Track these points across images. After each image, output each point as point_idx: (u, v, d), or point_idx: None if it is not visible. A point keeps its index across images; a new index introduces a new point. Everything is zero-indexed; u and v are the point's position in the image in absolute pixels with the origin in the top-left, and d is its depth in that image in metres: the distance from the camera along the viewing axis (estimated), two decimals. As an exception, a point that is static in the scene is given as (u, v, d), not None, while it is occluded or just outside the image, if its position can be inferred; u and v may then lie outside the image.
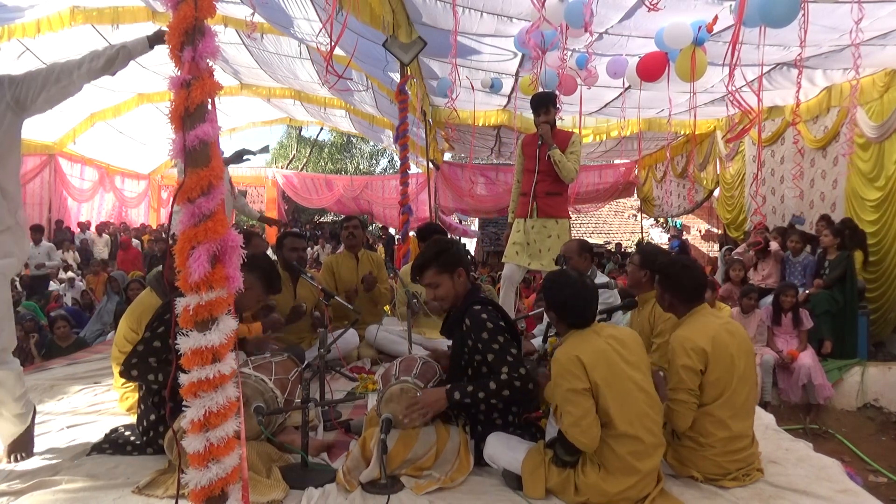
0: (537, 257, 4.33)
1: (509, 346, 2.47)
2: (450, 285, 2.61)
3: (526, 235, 4.37)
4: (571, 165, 4.20)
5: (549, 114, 4.25)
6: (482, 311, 2.52)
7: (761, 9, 4.03)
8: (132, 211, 15.91)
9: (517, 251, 4.41)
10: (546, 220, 4.33)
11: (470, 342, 2.50)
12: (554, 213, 4.33)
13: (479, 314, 2.51)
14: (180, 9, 1.47)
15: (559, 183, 4.32)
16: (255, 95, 12.29)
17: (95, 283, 9.28)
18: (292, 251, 4.05)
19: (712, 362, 2.33)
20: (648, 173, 14.32)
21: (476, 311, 2.52)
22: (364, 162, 26.19)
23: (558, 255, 4.00)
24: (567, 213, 4.46)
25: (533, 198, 4.34)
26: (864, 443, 5.01)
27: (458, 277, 2.62)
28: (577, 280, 2.32)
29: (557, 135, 4.29)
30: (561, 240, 4.30)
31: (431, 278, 2.61)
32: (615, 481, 2.14)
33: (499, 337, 2.47)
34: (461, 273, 2.62)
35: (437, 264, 2.60)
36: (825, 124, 7.70)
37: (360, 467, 2.35)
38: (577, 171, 4.25)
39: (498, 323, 2.51)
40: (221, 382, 1.51)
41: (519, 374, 2.40)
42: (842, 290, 5.94)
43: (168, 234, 1.58)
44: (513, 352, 2.48)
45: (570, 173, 4.21)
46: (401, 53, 5.62)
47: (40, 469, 2.48)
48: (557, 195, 4.36)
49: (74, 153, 12.82)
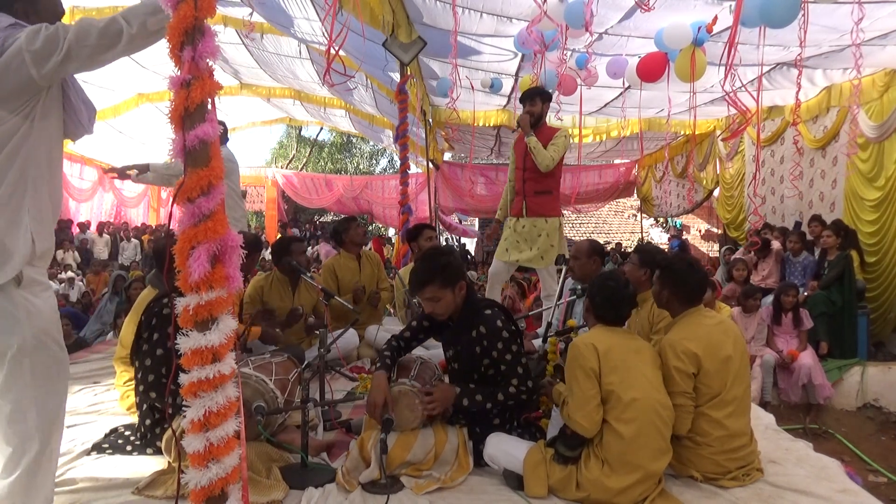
0: (525, 254, 4.39)
1: (520, 356, 2.50)
2: (451, 299, 2.53)
3: (516, 234, 4.43)
4: (548, 154, 4.19)
5: (535, 105, 4.29)
6: (496, 318, 2.51)
7: (761, 9, 4.02)
8: (132, 211, 15.90)
9: (507, 248, 4.48)
10: (536, 220, 4.37)
11: (479, 349, 2.50)
12: (544, 211, 4.37)
13: (495, 321, 2.50)
14: (180, 8, 1.47)
15: (546, 181, 4.35)
16: (255, 95, 12.27)
17: (96, 283, 9.27)
18: (299, 256, 4.08)
19: (705, 365, 2.33)
20: (648, 173, 14.31)
21: (490, 317, 2.51)
22: (364, 162, 26.20)
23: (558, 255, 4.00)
24: (558, 211, 4.47)
25: (523, 197, 4.39)
26: (864, 443, 5.01)
27: (460, 291, 2.54)
28: (621, 282, 2.42)
29: (543, 130, 4.32)
30: (550, 238, 4.35)
31: (433, 293, 2.51)
32: (618, 478, 2.14)
33: (512, 346, 2.49)
34: (462, 287, 2.55)
35: (441, 279, 2.49)
36: (825, 124, 7.69)
37: (360, 467, 2.36)
38: (555, 162, 4.24)
39: (512, 330, 2.52)
40: (221, 382, 1.50)
41: (527, 388, 2.45)
42: (840, 290, 5.94)
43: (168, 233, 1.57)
44: (523, 362, 2.51)
45: (544, 160, 4.20)
46: (401, 53, 5.62)
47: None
48: (547, 194, 4.38)
49: (74, 153, 12.80)
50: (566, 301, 3.76)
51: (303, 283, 4.17)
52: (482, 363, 2.50)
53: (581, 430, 2.19)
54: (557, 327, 3.56)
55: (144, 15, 1.73)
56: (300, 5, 6.31)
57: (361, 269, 4.71)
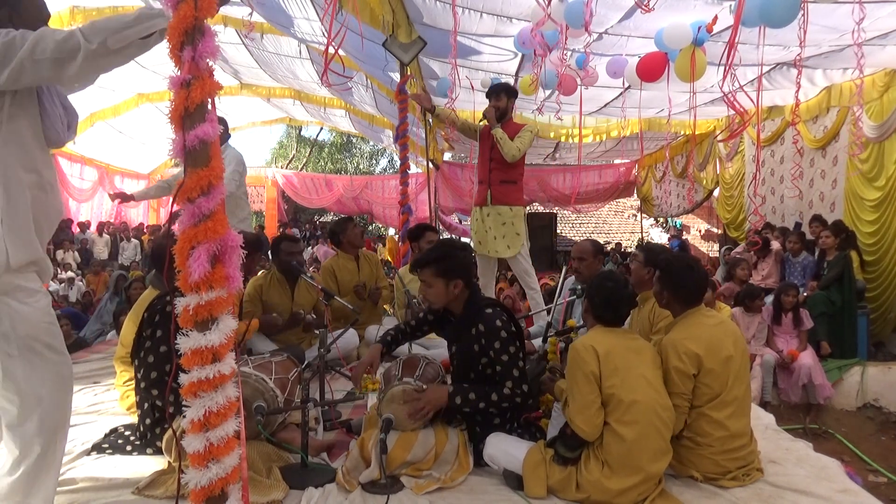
0: (492, 244, 4.51)
1: (518, 359, 2.49)
2: (442, 291, 2.57)
3: (483, 224, 4.56)
4: (514, 145, 4.35)
5: (500, 100, 4.47)
6: (496, 318, 2.50)
7: (761, 9, 4.03)
8: (132, 211, 15.90)
9: (479, 241, 4.60)
10: (500, 207, 4.50)
11: (477, 347, 2.50)
12: (508, 200, 4.51)
13: (494, 321, 2.49)
14: (180, 8, 1.47)
15: (511, 171, 4.51)
16: (255, 95, 12.29)
17: (96, 283, 9.27)
18: (289, 255, 4.08)
19: (706, 365, 2.33)
20: (648, 173, 14.32)
21: (490, 316, 2.51)
22: (364, 162, 26.21)
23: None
24: (521, 200, 4.63)
25: (488, 185, 4.53)
26: (864, 443, 5.02)
27: (454, 288, 2.56)
28: (620, 282, 2.41)
29: (510, 124, 4.49)
30: (515, 227, 4.48)
31: (427, 277, 2.59)
32: (618, 479, 2.14)
33: (510, 347, 2.47)
34: (458, 285, 2.56)
35: (436, 267, 2.56)
36: (825, 124, 7.70)
37: (360, 467, 2.36)
38: (521, 153, 4.39)
39: (511, 330, 2.51)
40: (221, 382, 1.50)
41: (521, 391, 2.44)
42: (840, 290, 5.95)
43: (168, 233, 1.57)
44: (520, 365, 2.50)
45: (511, 150, 4.34)
46: (401, 53, 5.62)
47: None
48: (511, 183, 4.54)
49: (74, 153, 12.80)
50: (566, 301, 3.76)
51: (302, 283, 4.17)
52: (480, 361, 2.50)
53: (582, 433, 2.18)
54: (557, 327, 3.57)
55: (106, 32, 1.65)
56: (300, 5, 6.31)
57: (360, 269, 4.72)
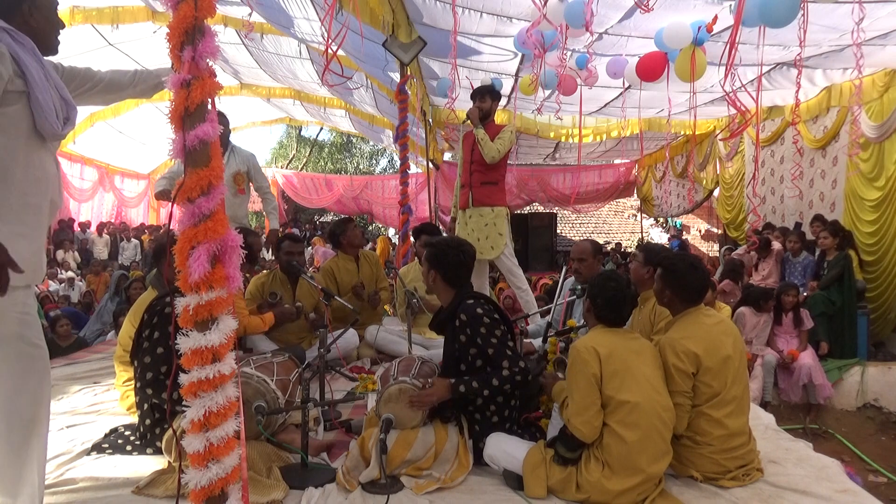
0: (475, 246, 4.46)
1: (507, 340, 2.53)
2: (430, 279, 2.73)
3: (466, 227, 4.62)
4: (494, 146, 4.41)
5: (485, 102, 4.56)
6: (476, 306, 2.54)
7: (761, 9, 4.03)
8: (132, 211, 15.90)
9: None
10: (482, 209, 4.57)
11: (463, 337, 2.51)
12: (489, 201, 4.57)
13: (475, 309, 2.53)
14: (180, 8, 1.47)
15: (492, 173, 4.56)
16: (254, 95, 12.28)
17: (96, 284, 9.27)
18: (288, 255, 4.09)
19: (705, 364, 2.33)
20: (648, 173, 14.31)
21: (470, 305, 2.54)
22: (364, 162, 26.20)
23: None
24: (503, 201, 4.67)
25: (469, 188, 4.60)
26: (864, 443, 5.02)
27: (431, 280, 2.71)
28: (622, 282, 2.40)
29: (492, 126, 4.56)
30: (497, 227, 4.54)
31: (424, 265, 2.75)
32: (618, 480, 2.14)
33: (496, 331, 2.50)
34: (434, 276, 2.70)
35: (427, 257, 2.73)
36: (825, 124, 7.70)
37: (360, 467, 2.36)
38: (501, 154, 4.44)
39: (493, 316, 2.54)
40: (221, 382, 1.51)
41: (520, 368, 2.45)
42: (840, 290, 5.95)
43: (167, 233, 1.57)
44: (510, 345, 2.53)
45: (490, 151, 4.40)
46: (401, 53, 5.62)
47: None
48: (492, 184, 4.60)
49: (74, 153, 12.80)
50: (566, 301, 3.76)
51: (303, 283, 4.18)
52: (469, 352, 2.50)
53: (579, 435, 2.18)
54: (557, 327, 3.56)
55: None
56: (300, 5, 6.30)
57: (360, 269, 4.72)
